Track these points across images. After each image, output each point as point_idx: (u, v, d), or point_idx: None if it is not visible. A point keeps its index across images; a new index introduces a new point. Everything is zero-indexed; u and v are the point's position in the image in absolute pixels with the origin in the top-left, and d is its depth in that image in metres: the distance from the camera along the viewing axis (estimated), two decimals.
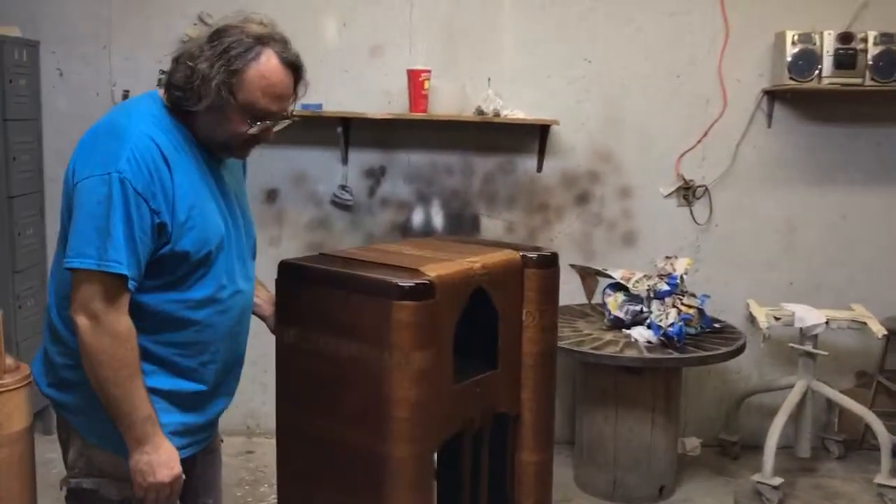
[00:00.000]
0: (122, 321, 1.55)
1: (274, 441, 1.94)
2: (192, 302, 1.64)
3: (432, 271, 1.68)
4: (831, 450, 3.73)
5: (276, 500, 3.23)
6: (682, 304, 3.10)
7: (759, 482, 3.26)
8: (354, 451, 1.70)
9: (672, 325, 2.98)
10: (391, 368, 1.63)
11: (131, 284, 1.54)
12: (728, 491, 3.29)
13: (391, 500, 1.67)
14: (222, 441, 2.02)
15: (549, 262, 1.95)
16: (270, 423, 3.92)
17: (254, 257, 1.84)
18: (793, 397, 3.40)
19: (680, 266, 3.21)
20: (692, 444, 3.75)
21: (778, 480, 3.23)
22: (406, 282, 1.63)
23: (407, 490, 1.67)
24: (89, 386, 1.60)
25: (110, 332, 1.53)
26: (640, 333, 3.05)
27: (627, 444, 3.12)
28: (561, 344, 3.01)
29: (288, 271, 1.81)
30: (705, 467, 3.54)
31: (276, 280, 1.81)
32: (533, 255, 1.92)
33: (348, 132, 3.65)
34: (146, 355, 1.62)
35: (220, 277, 1.67)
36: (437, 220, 3.76)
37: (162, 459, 1.61)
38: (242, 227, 1.77)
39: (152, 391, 1.62)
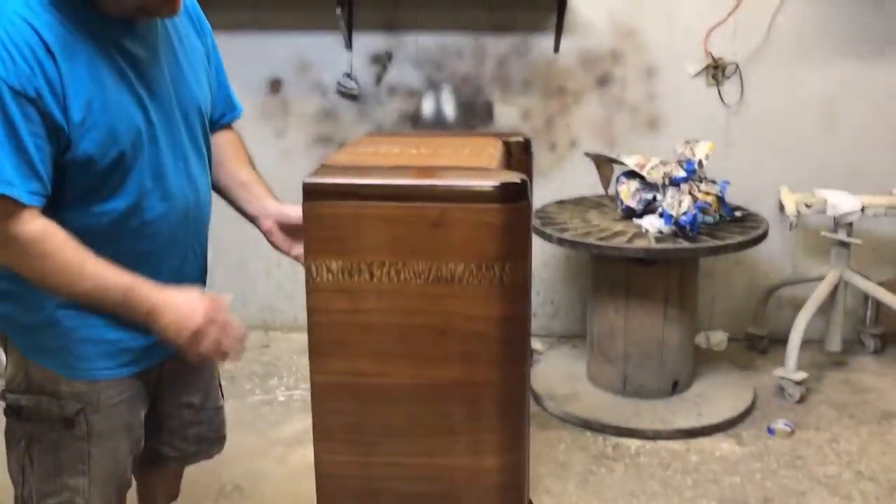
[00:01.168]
0: (30, 230, 1.36)
1: (292, 335, 1.84)
2: (114, 214, 1.46)
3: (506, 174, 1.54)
4: (866, 343, 3.54)
5: (285, 393, 3.26)
6: (700, 191, 2.89)
7: (781, 377, 3.12)
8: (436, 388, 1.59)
9: (685, 213, 2.79)
10: (483, 285, 1.50)
11: (37, 200, 1.35)
12: (748, 386, 3.15)
13: (487, 431, 1.59)
14: None
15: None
16: (286, 317, 3.97)
17: (206, 140, 1.64)
18: (822, 288, 3.20)
19: (700, 150, 2.98)
20: (718, 338, 3.60)
21: (801, 375, 3.08)
22: (497, 182, 1.48)
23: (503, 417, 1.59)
24: (21, 297, 1.50)
25: (24, 251, 1.37)
26: (650, 223, 2.87)
27: (638, 338, 2.99)
28: (566, 236, 2.86)
29: (317, 191, 1.51)
30: (728, 362, 3.40)
31: (304, 205, 1.53)
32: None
33: (351, 14, 3.46)
34: None
35: (143, 182, 1.48)
36: (448, 108, 3.58)
37: (180, 312, 1.46)
38: (183, 114, 1.56)
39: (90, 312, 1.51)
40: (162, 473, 1.92)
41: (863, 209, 3.11)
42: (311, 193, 1.55)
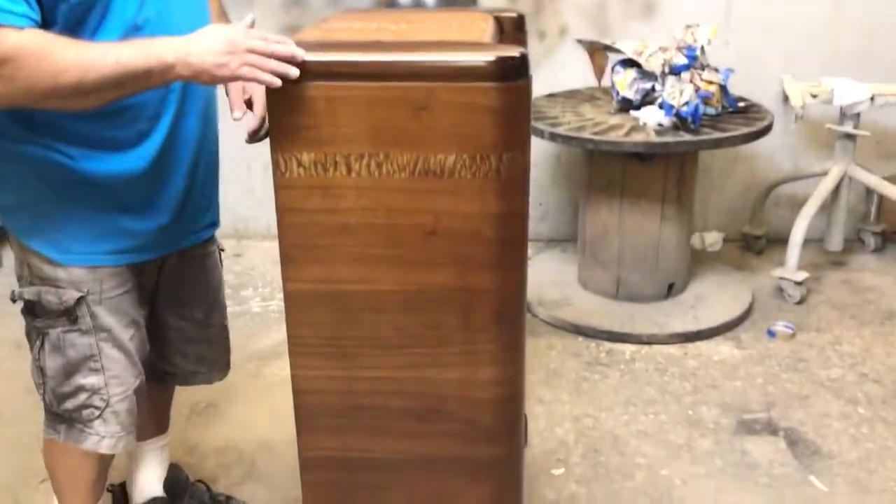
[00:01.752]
0: (26, 38, 1.20)
1: (265, 244, 1.66)
2: None
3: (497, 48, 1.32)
4: (866, 242, 3.40)
5: (260, 304, 3.09)
6: (701, 79, 2.68)
7: (781, 277, 2.98)
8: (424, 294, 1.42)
9: (686, 103, 2.59)
10: (477, 178, 1.32)
11: (28, 23, 1.22)
12: (746, 288, 3.02)
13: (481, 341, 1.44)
14: (223, 250, 1.78)
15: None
16: (258, 224, 3.77)
17: None
18: (826, 183, 3.04)
19: (702, 35, 2.75)
20: (713, 238, 3.45)
21: (802, 275, 2.95)
22: (492, 56, 1.27)
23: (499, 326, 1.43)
24: (15, 169, 1.39)
25: (28, 59, 1.19)
26: (649, 115, 2.67)
27: (632, 239, 2.83)
28: (559, 131, 2.66)
29: None
30: (724, 263, 3.26)
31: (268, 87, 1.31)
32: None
33: None
34: (67, 135, 1.36)
35: (126, 16, 1.33)
36: None
37: (210, 37, 1.24)
38: None
39: (83, 182, 1.39)
40: (154, 393, 1.76)
41: (872, 98, 2.91)
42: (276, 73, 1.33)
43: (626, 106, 2.81)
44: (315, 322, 1.46)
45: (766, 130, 2.69)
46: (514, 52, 1.32)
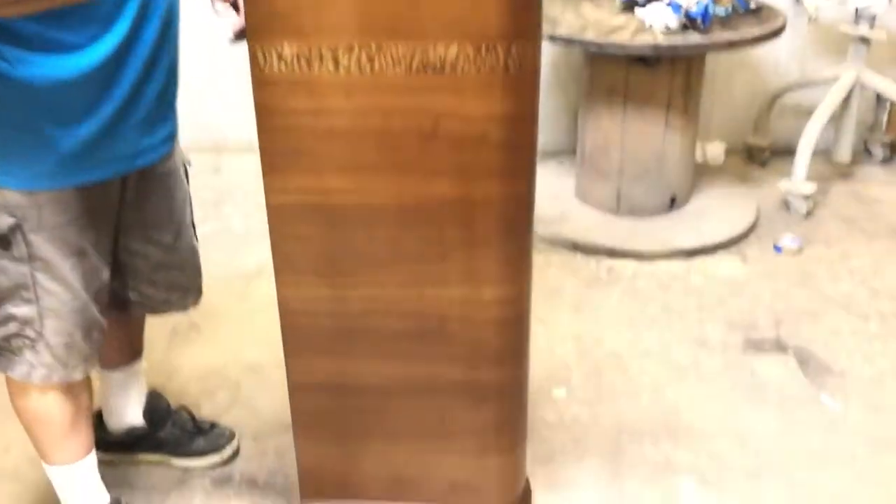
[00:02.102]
0: None
1: (246, 157, 1.50)
2: None
3: None
4: (874, 153, 3.27)
5: (242, 221, 2.94)
6: None
7: (787, 190, 2.86)
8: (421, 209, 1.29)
9: (697, 2, 2.41)
10: (483, 74, 1.17)
11: None
12: (750, 201, 2.90)
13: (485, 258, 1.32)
14: (189, 164, 1.61)
15: None
16: (238, 136, 3.58)
17: None
18: (838, 89, 2.89)
19: None
20: (715, 150, 3.30)
21: (810, 187, 2.82)
22: None
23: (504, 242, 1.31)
24: None
25: None
26: (656, 15, 2.48)
27: (635, 150, 2.68)
28: (559, 32, 2.47)
29: None
30: (728, 175, 3.13)
31: None
32: None
33: None
34: (5, 35, 1.18)
35: None
36: None
37: None
38: None
39: (19, 91, 1.21)
40: (122, 322, 1.63)
41: None
42: None
43: (629, 5, 2.62)
44: (302, 237, 1.33)
45: (780, 31, 2.52)
46: None
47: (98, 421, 1.78)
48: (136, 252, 1.52)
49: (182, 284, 1.61)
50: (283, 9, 1.16)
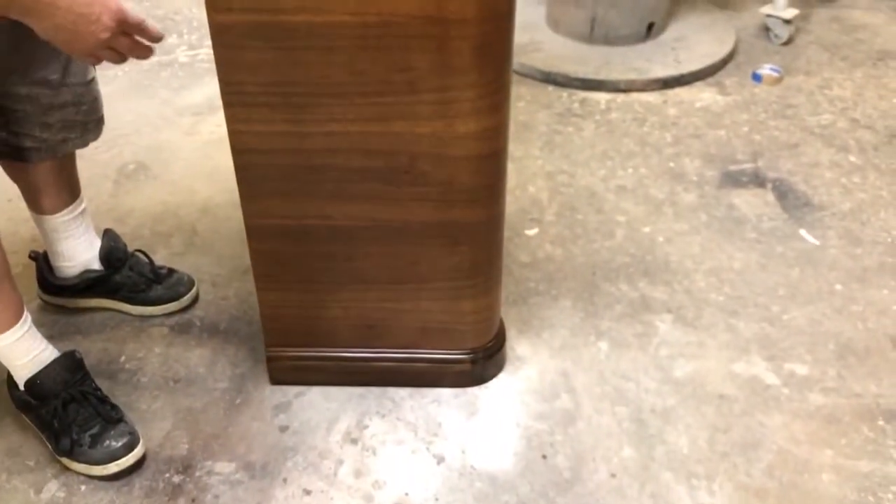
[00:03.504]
0: None
1: None
2: None
3: None
4: None
5: (187, 53, 2.72)
6: None
7: (768, 15, 2.71)
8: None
9: None
10: None
11: None
12: (729, 27, 2.75)
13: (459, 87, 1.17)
14: None
15: None
16: None
17: None
18: None
19: None
20: None
21: (792, 12, 2.67)
22: None
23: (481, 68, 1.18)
24: None
25: None
26: None
27: None
28: None
29: None
30: (704, 1, 2.95)
31: None
32: None
33: None
34: None
35: None
36: None
37: (60, 17, 1.03)
38: None
39: None
40: (37, 169, 1.47)
41: None
42: None
43: None
44: (251, 64, 1.17)
45: None
46: None
47: (45, 265, 1.67)
48: (21, 97, 1.34)
49: (79, 121, 1.45)
50: None
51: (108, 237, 1.66)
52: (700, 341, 1.62)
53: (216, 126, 2.30)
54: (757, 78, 2.52)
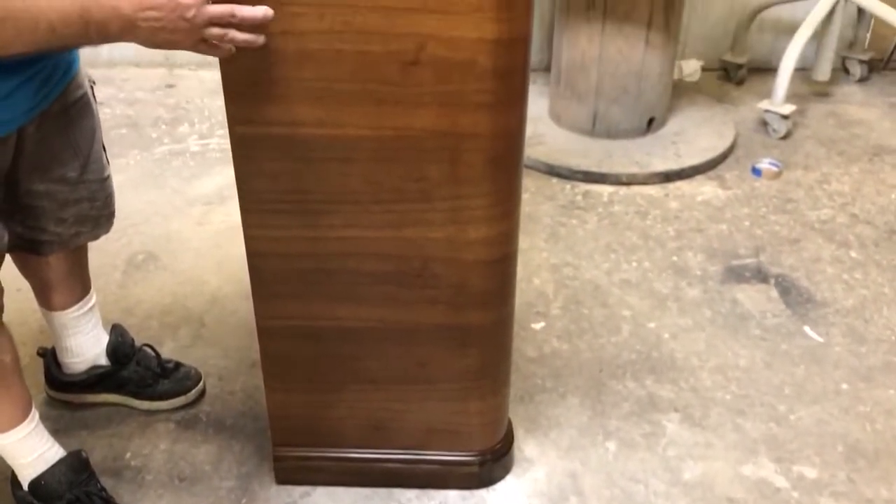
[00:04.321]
0: None
1: (201, 73, 1.35)
2: None
3: None
4: (852, 71, 3.19)
5: (199, 143, 2.78)
6: None
7: (766, 110, 2.78)
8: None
9: None
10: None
11: None
12: (728, 121, 2.81)
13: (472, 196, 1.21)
14: (93, 83, 1.44)
15: None
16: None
17: None
18: (822, 5, 2.78)
19: None
20: (691, 67, 3.20)
21: (789, 108, 2.74)
22: None
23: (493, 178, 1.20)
24: None
25: None
26: None
27: (614, 68, 2.56)
28: None
29: None
30: (703, 94, 3.03)
31: None
32: None
33: None
34: None
35: None
36: None
37: (150, 20, 1.03)
38: None
39: None
40: (49, 262, 1.50)
41: None
42: None
43: None
44: (270, 173, 1.21)
45: None
46: None
47: (53, 361, 1.68)
48: (39, 193, 1.37)
49: (92, 216, 1.47)
50: None
51: (116, 332, 1.67)
52: (708, 442, 1.62)
53: (226, 215, 2.34)
54: (757, 172, 2.57)
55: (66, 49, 1.06)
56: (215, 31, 1.04)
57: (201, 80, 3.11)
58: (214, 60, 1.12)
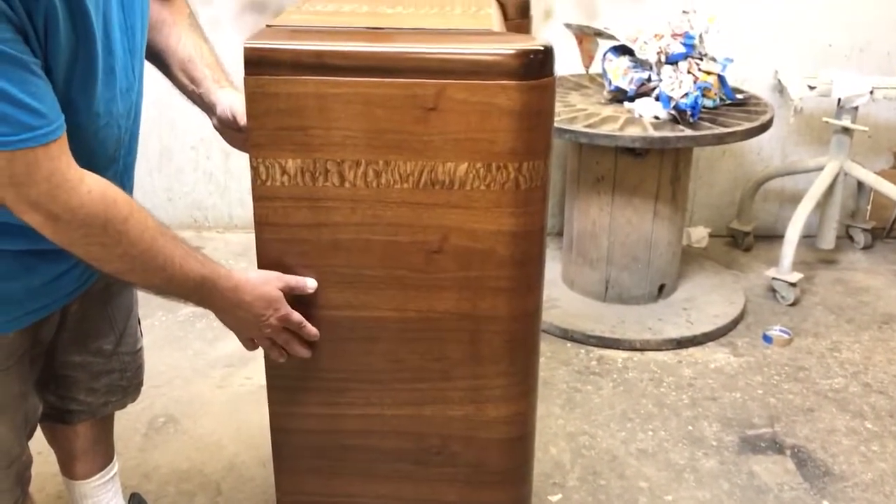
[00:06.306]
0: (82, 191, 0.99)
1: (227, 236, 1.43)
2: None
3: (520, 39, 1.14)
4: (856, 239, 3.29)
5: None
6: (700, 69, 2.51)
7: (774, 278, 2.85)
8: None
9: (685, 94, 2.42)
10: (492, 191, 1.15)
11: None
12: (737, 288, 2.88)
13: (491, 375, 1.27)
14: None
15: None
16: (219, 214, 3.53)
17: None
18: (823, 180, 2.91)
19: (700, 23, 2.58)
20: (699, 234, 3.31)
21: (796, 276, 2.82)
22: (513, 48, 1.09)
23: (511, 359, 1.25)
24: None
25: (80, 221, 1.00)
26: (645, 107, 2.49)
27: (624, 237, 2.66)
28: None
29: (265, 60, 1.08)
30: (712, 261, 3.12)
31: (246, 79, 1.09)
32: None
33: None
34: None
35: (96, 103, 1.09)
36: None
37: (240, 312, 1.17)
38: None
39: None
40: (77, 431, 1.53)
41: (871, 92, 2.78)
42: (256, 63, 1.11)
43: (618, 96, 2.63)
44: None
45: (768, 125, 2.54)
46: (537, 44, 1.13)
47: None
48: (75, 364, 1.43)
49: (122, 386, 1.53)
50: (289, 124, 1.12)
51: (134, 502, 1.68)
52: None
53: (246, 378, 2.38)
54: (767, 340, 2.61)
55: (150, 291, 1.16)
56: (283, 336, 1.18)
57: (227, 242, 3.23)
58: (241, 224, 1.20)
